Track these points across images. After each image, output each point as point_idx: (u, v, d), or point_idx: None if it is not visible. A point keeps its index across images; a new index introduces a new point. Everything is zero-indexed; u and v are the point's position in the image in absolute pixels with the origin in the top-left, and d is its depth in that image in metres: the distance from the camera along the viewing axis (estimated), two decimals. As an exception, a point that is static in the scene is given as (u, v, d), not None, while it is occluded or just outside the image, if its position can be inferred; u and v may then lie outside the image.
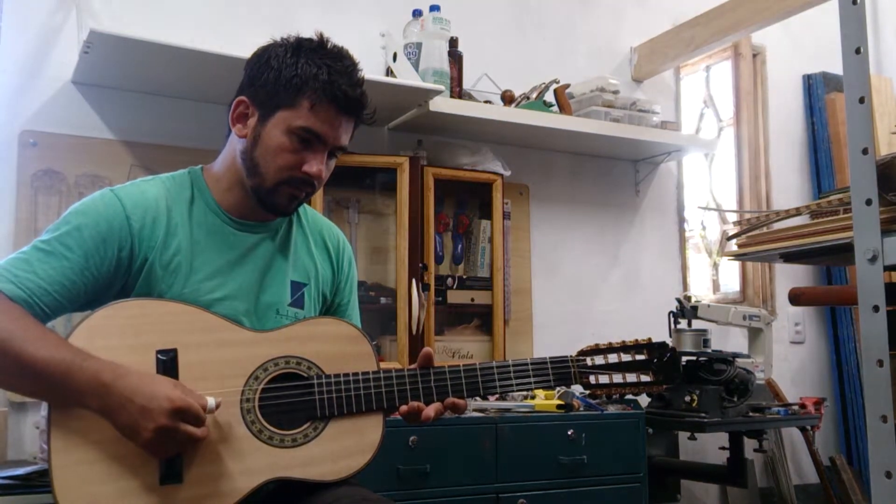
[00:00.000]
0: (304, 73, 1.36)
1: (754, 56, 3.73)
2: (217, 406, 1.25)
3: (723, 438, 2.89)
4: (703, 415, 2.59)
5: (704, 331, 2.82)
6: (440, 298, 2.74)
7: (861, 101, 1.25)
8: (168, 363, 1.28)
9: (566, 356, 1.43)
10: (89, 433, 1.22)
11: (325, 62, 1.37)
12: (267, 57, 1.40)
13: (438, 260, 2.76)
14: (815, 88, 3.82)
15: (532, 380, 1.40)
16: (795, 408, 2.92)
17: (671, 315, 2.85)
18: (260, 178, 1.39)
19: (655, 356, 1.42)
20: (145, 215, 1.36)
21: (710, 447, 3.12)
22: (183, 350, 1.29)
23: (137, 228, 1.35)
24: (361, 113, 1.43)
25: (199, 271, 1.37)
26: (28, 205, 2.25)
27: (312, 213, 1.60)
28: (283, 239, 1.50)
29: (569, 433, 2.39)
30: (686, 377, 2.69)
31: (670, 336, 2.83)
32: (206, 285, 1.38)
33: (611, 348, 1.43)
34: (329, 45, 1.42)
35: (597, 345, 1.44)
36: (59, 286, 1.28)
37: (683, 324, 2.85)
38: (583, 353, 1.44)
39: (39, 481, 1.76)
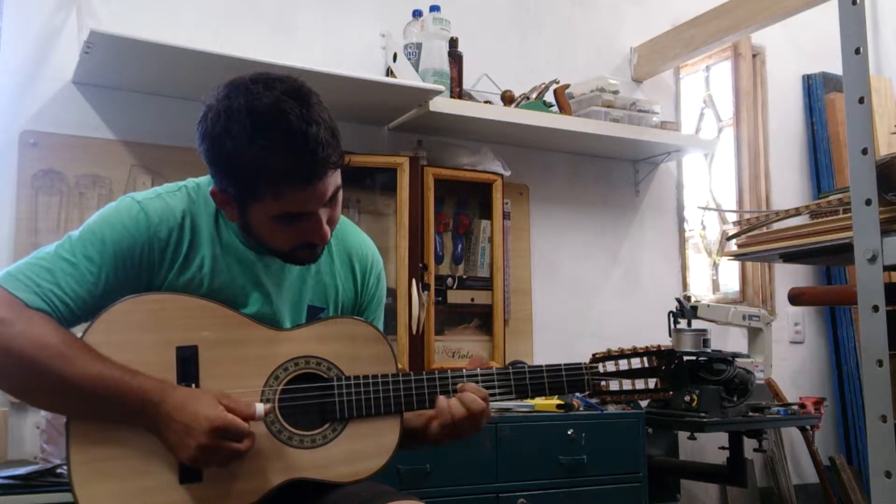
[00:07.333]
0: (251, 165, 1.20)
1: (754, 56, 3.73)
2: (267, 413, 1.25)
3: (722, 438, 2.89)
4: (702, 415, 2.59)
5: (704, 331, 2.82)
6: (440, 298, 2.74)
7: (861, 101, 1.24)
8: (188, 360, 1.27)
9: (580, 363, 1.42)
10: (109, 430, 1.21)
11: (265, 144, 1.19)
12: (210, 141, 1.24)
13: (438, 260, 2.76)
14: (815, 89, 3.82)
15: (546, 385, 1.40)
16: (795, 408, 2.92)
17: (671, 315, 2.85)
18: (270, 248, 1.34)
19: (664, 363, 1.41)
20: (171, 234, 1.32)
21: (709, 447, 3.12)
22: (203, 347, 1.28)
23: (161, 248, 1.31)
24: (331, 165, 1.24)
25: (217, 293, 1.34)
26: (28, 205, 2.25)
27: (344, 229, 1.51)
28: None
29: (569, 433, 2.39)
30: (686, 377, 2.69)
31: (670, 336, 2.83)
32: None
33: (622, 354, 1.43)
34: (263, 105, 1.19)
35: (608, 351, 1.44)
36: (80, 301, 1.25)
37: (683, 324, 2.85)
38: (595, 359, 1.43)
39: (40, 481, 1.76)
